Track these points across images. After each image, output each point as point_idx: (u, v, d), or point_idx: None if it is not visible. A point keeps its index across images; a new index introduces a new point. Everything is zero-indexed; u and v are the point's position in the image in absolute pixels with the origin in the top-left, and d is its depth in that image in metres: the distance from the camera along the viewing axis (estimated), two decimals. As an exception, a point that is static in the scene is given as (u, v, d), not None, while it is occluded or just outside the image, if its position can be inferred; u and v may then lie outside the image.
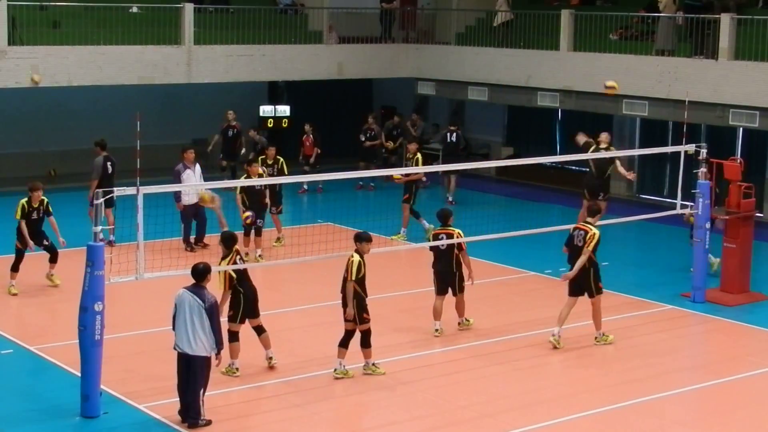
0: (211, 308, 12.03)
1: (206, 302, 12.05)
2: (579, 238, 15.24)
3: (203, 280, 12.25)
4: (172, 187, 17.92)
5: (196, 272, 12.31)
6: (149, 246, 13.44)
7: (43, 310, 17.06)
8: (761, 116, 22.58)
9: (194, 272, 12.33)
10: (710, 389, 14.13)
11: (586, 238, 15.11)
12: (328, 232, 19.94)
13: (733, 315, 17.10)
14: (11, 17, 24.04)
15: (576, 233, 15.33)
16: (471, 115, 31.58)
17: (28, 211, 17.32)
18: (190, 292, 12.15)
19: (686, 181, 18.12)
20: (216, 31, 26.94)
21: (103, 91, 26.89)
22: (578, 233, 15.29)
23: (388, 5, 30.06)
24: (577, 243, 15.23)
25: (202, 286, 12.22)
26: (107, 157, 20.27)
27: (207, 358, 12.13)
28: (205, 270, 12.33)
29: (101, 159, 20.21)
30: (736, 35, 23.06)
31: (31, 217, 17.35)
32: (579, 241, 15.22)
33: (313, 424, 12.58)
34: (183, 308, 12.10)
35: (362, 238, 13.89)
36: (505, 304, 17.48)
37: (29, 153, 27.50)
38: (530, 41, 27.16)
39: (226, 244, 13.73)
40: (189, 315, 12.04)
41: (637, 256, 22.00)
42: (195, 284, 12.25)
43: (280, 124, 30.17)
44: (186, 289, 12.24)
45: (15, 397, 13.23)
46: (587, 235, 15.13)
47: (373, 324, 13.98)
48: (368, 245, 13.90)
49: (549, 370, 14.58)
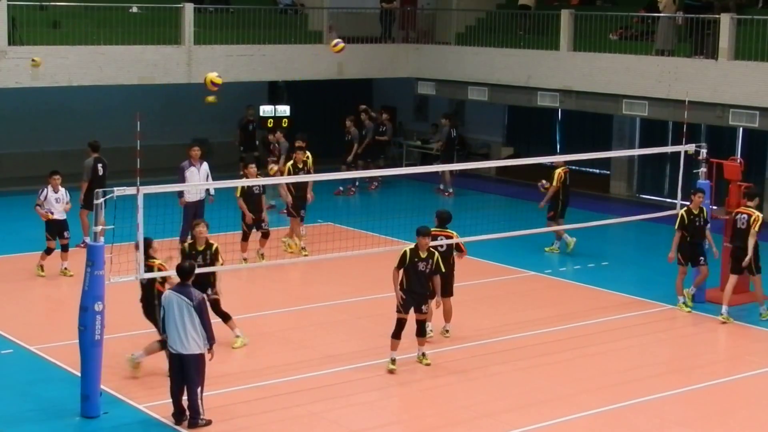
0: (199, 305, 12.08)
1: (194, 300, 12.09)
2: (742, 222, 16.63)
3: (188, 278, 12.28)
4: (172, 187, 17.87)
5: (182, 271, 12.34)
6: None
7: (43, 310, 17.07)
8: (761, 116, 22.57)
9: (180, 271, 12.36)
10: (710, 389, 14.13)
11: (751, 221, 16.51)
12: (329, 232, 19.95)
13: (733, 315, 17.08)
14: (11, 17, 24.03)
15: (738, 217, 16.73)
16: (471, 115, 31.59)
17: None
18: (176, 293, 12.19)
19: (686, 181, 18.13)
20: (216, 31, 26.94)
21: (103, 91, 26.88)
22: (741, 217, 16.68)
23: (388, 5, 30.05)
24: (740, 226, 16.64)
25: (187, 284, 12.24)
26: (98, 158, 20.27)
27: (201, 356, 12.14)
28: (191, 269, 12.38)
29: (92, 161, 20.23)
30: (736, 35, 23.06)
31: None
32: (742, 224, 16.61)
33: (313, 424, 12.58)
34: (171, 309, 12.12)
35: (418, 231, 14.12)
36: (505, 304, 17.48)
37: (29, 153, 27.50)
38: (530, 41, 27.16)
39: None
40: (178, 315, 12.06)
41: (637, 256, 22.00)
42: (180, 284, 12.27)
43: (280, 124, 30.15)
44: (171, 290, 12.30)
45: (15, 397, 13.23)
46: (751, 219, 16.54)
47: (373, 324, 14.00)
48: (423, 239, 14.03)
49: (549, 370, 14.58)
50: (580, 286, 18.80)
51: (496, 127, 31.05)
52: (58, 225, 18.15)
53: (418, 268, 14.08)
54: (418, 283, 14.12)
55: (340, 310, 17.02)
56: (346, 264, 19.04)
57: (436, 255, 14.25)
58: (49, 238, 18.12)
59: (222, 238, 18.97)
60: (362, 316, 16.74)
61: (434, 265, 14.17)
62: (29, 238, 19.68)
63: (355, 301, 17.46)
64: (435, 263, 14.17)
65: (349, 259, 18.73)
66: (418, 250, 14.08)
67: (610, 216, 22.01)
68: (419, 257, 14.07)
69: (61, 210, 18.18)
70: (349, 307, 17.16)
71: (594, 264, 20.35)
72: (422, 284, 14.17)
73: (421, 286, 14.16)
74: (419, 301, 14.19)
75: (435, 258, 14.19)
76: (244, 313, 16.21)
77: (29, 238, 19.68)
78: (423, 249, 14.09)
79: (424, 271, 14.12)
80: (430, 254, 14.17)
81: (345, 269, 19.07)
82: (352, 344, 15.22)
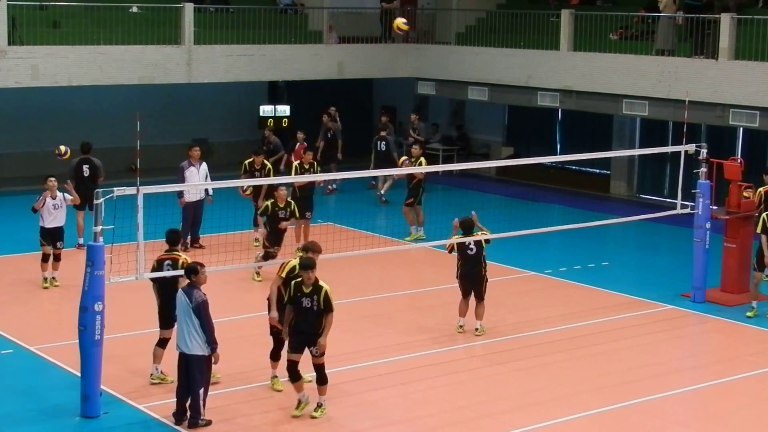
0: (197, 308, 12.04)
1: (193, 301, 12.07)
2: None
3: (193, 278, 12.26)
4: (172, 187, 17.83)
5: (188, 271, 12.35)
6: (149, 246, 13.42)
7: (43, 310, 17.06)
8: (761, 116, 22.57)
9: (186, 271, 12.38)
10: (710, 389, 14.13)
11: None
12: (329, 231, 19.94)
13: (733, 315, 17.10)
14: (11, 17, 24.04)
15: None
16: (471, 115, 31.59)
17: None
18: (183, 293, 12.20)
19: (686, 181, 18.12)
20: (216, 31, 26.94)
21: (103, 91, 26.89)
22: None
23: (388, 5, 30.05)
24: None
25: (194, 285, 12.23)
26: (84, 159, 20.31)
27: (204, 358, 12.12)
28: (193, 269, 12.34)
29: (75, 161, 20.26)
30: (736, 35, 23.06)
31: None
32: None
33: (313, 424, 12.56)
34: (180, 308, 12.16)
35: (301, 264, 12.57)
36: (505, 304, 17.47)
37: (29, 153, 27.49)
38: (530, 41, 27.16)
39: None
40: (183, 315, 12.10)
41: (637, 256, 22.00)
42: (189, 284, 12.27)
43: (280, 124, 30.19)
44: (182, 289, 12.31)
45: (15, 397, 13.22)
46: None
47: (373, 324, 13.98)
48: (305, 273, 12.32)
49: (549, 370, 14.57)
50: (580, 286, 18.80)
51: (496, 127, 31.05)
52: (53, 233, 17.73)
53: (303, 305, 12.42)
54: (304, 322, 12.43)
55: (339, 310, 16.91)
56: (346, 264, 19.03)
57: (323, 290, 12.33)
58: (43, 243, 17.70)
59: (222, 238, 19.04)
60: (362, 316, 16.73)
61: (321, 303, 12.33)
62: (29, 239, 19.64)
63: (355, 301, 17.45)
64: (323, 300, 12.33)
65: (349, 259, 18.72)
66: (302, 284, 12.42)
67: (610, 216, 21.98)
68: (302, 292, 12.37)
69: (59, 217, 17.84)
70: (349, 307, 17.13)
71: (594, 264, 20.35)
72: (309, 322, 12.41)
73: (308, 324, 12.42)
74: (307, 341, 12.50)
75: (322, 293, 12.32)
76: (243, 313, 16.21)
77: (29, 239, 19.64)
78: (307, 283, 12.39)
79: (310, 308, 12.39)
80: (315, 289, 12.36)
81: (345, 269, 19.05)
82: (352, 344, 15.20)
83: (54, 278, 17.85)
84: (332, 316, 12.45)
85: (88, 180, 20.02)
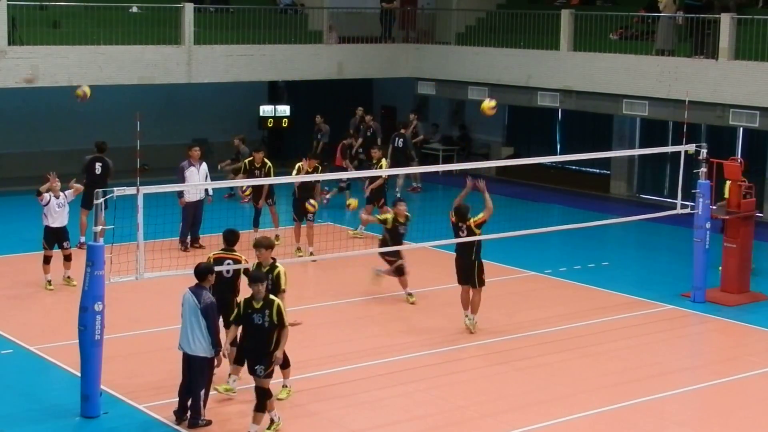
0: (206, 309, 12.01)
1: (201, 303, 12.03)
2: None
3: (203, 280, 12.24)
4: (172, 187, 17.88)
5: (196, 272, 12.33)
6: (149, 246, 13.42)
7: (43, 310, 17.05)
8: (761, 116, 22.58)
9: (195, 272, 12.35)
10: (710, 389, 14.13)
11: None
12: (329, 231, 19.94)
13: (733, 315, 17.10)
14: (11, 17, 24.04)
15: None
16: (471, 115, 31.58)
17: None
18: (191, 293, 12.17)
19: (686, 181, 18.13)
20: (216, 31, 26.95)
21: (103, 91, 26.87)
22: None
23: (388, 5, 30.07)
24: None
25: (202, 286, 12.21)
26: (97, 158, 20.21)
27: (207, 360, 12.12)
28: (206, 270, 12.33)
29: (87, 159, 20.23)
30: (736, 35, 23.06)
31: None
32: None
33: (313, 424, 12.57)
34: (185, 308, 12.12)
35: (250, 277, 12.24)
36: (505, 304, 17.47)
37: (29, 153, 27.50)
38: (530, 41, 27.16)
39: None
40: (189, 315, 12.06)
41: (637, 256, 22.01)
42: (197, 284, 12.25)
43: (280, 124, 30.20)
44: (189, 288, 12.26)
45: (15, 397, 13.22)
46: None
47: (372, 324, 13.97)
48: (255, 286, 11.87)
49: (549, 370, 14.57)
50: (580, 286, 18.80)
51: (496, 127, 31.04)
52: (57, 233, 17.61)
53: (254, 321, 11.82)
54: (255, 339, 11.86)
55: (340, 310, 17.02)
56: (346, 264, 19.04)
57: (275, 305, 11.78)
58: (46, 247, 17.59)
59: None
60: (362, 316, 16.74)
61: (274, 317, 11.76)
62: (29, 238, 19.67)
63: (355, 301, 17.46)
64: (275, 314, 11.76)
65: (348, 259, 18.73)
66: (252, 299, 11.86)
67: (610, 216, 21.99)
68: (253, 308, 11.81)
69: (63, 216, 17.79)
70: (349, 307, 17.15)
71: (594, 264, 20.35)
72: (261, 340, 11.81)
73: (260, 342, 11.82)
74: (255, 360, 11.91)
75: (274, 308, 11.76)
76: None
77: (29, 238, 19.67)
78: (257, 298, 11.83)
79: (261, 324, 11.78)
80: (267, 303, 11.81)
81: (345, 269, 19.06)
82: (352, 344, 15.21)
83: (69, 277, 17.69)
84: (287, 331, 11.86)
85: (100, 178, 19.94)
